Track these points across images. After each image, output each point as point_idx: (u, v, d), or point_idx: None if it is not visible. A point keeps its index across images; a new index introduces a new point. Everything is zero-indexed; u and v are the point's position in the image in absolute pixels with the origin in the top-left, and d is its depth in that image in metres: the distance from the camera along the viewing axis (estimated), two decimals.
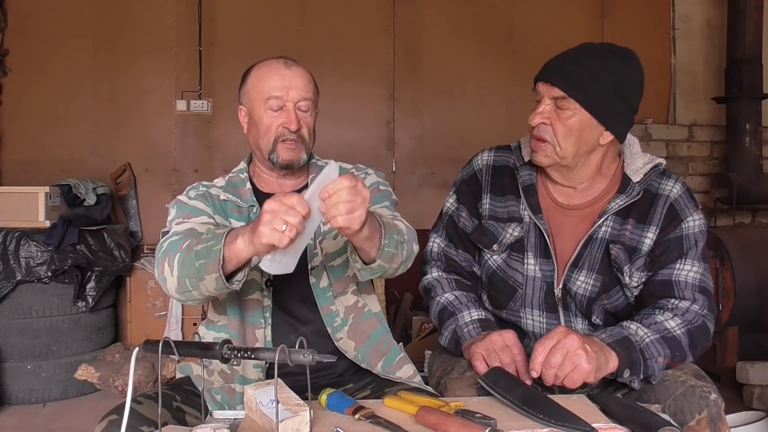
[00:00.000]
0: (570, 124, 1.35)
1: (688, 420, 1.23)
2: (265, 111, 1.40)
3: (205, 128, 4.09)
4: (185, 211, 1.40)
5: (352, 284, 1.48)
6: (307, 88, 1.42)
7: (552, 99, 1.35)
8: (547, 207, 1.47)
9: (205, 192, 1.46)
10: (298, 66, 1.44)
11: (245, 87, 1.46)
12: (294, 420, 0.98)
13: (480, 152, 1.58)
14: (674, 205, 1.41)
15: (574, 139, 1.36)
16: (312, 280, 1.43)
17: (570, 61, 1.35)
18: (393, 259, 1.26)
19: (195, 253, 1.17)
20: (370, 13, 4.18)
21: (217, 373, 1.41)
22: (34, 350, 3.16)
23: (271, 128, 1.41)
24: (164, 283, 1.25)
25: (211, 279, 1.16)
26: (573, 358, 1.19)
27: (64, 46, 4.00)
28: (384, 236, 1.21)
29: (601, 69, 1.33)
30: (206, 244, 1.17)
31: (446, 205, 1.60)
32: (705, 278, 1.39)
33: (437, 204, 1.64)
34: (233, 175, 1.52)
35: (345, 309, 1.45)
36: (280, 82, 1.40)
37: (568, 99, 1.33)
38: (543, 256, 1.45)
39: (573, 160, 1.39)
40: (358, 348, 1.43)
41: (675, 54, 4.38)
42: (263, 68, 1.44)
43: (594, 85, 1.32)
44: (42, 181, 3.49)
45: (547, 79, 1.36)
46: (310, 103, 1.42)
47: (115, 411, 1.25)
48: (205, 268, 1.16)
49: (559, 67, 1.35)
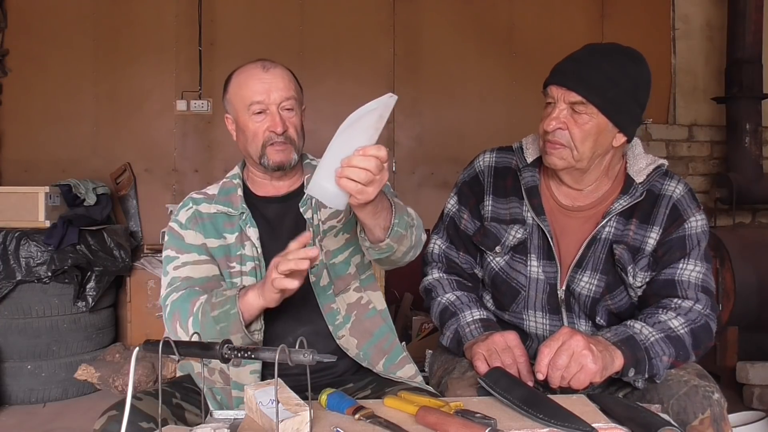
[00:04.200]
0: (587, 128, 1.33)
1: (691, 419, 1.23)
2: (250, 117, 1.40)
3: (205, 128, 4.09)
4: (176, 243, 1.43)
5: (355, 281, 1.47)
6: (287, 87, 1.41)
7: (568, 103, 1.33)
8: (551, 209, 1.47)
9: (195, 211, 1.46)
10: (276, 67, 1.43)
11: (227, 95, 1.46)
12: (294, 420, 0.98)
13: (481, 153, 1.58)
14: (677, 206, 1.41)
15: (591, 143, 1.35)
16: (312, 279, 1.43)
17: (585, 64, 1.33)
18: (402, 241, 1.27)
19: (213, 319, 1.25)
20: (370, 13, 4.18)
21: (218, 373, 1.41)
22: (34, 350, 3.16)
23: (258, 134, 1.41)
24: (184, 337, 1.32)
25: (236, 338, 1.24)
26: (579, 358, 1.19)
27: (64, 46, 4.00)
28: (394, 216, 1.23)
29: (617, 72, 1.32)
30: (222, 309, 1.24)
31: (447, 207, 1.59)
32: (707, 278, 1.40)
33: (437, 204, 1.64)
34: (227, 180, 1.52)
35: (347, 306, 1.45)
36: (260, 86, 1.39)
37: (586, 104, 1.32)
38: (546, 257, 1.45)
39: (588, 163, 1.38)
40: (360, 346, 1.43)
41: (675, 54, 4.38)
42: (242, 74, 1.43)
43: (612, 89, 1.31)
44: (42, 181, 3.49)
45: (564, 83, 1.33)
46: (293, 101, 1.42)
47: (114, 407, 1.26)
48: (228, 330, 1.24)
49: (575, 71, 1.33)
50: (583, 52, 1.37)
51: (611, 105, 1.32)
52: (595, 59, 1.33)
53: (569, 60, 1.37)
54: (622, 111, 1.33)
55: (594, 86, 1.31)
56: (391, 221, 1.23)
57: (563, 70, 1.36)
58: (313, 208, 1.46)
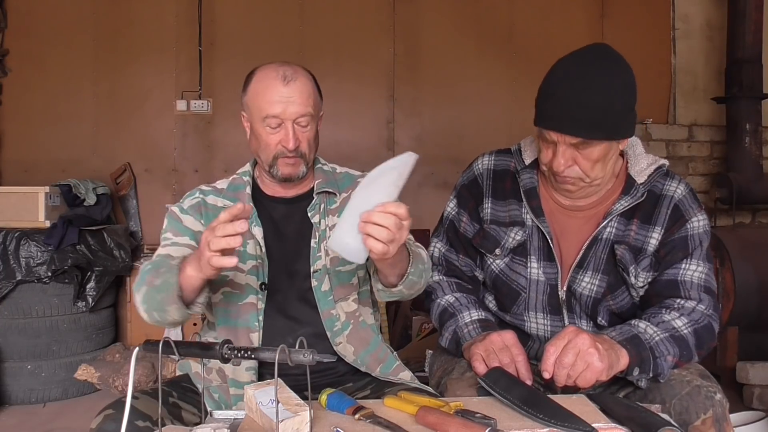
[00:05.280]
0: (595, 157, 1.32)
1: (693, 420, 1.23)
2: (264, 128, 1.39)
3: (205, 128, 4.09)
4: (174, 226, 1.43)
5: (355, 292, 1.47)
6: (305, 102, 1.39)
7: (569, 144, 1.31)
8: (551, 209, 1.47)
9: (201, 201, 1.46)
10: (297, 79, 1.39)
11: (246, 97, 1.44)
12: (294, 420, 0.98)
13: (480, 156, 1.57)
14: (679, 206, 1.41)
15: (601, 165, 1.35)
16: (314, 283, 1.42)
17: (575, 104, 1.27)
18: (413, 287, 1.33)
19: (155, 288, 1.24)
20: (370, 13, 4.18)
21: (215, 372, 1.41)
22: (34, 350, 3.16)
23: (270, 145, 1.40)
24: (139, 312, 1.32)
25: (173, 309, 1.23)
26: (585, 356, 1.19)
27: (64, 46, 4.00)
28: (411, 265, 1.26)
29: (607, 100, 1.27)
30: (163, 278, 1.23)
31: (447, 210, 1.59)
32: (710, 278, 1.40)
33: (437, 204, 1.64)
34: (237, 176, 1.51)
35: (346, 314, 1.45)
36: (278, 100, 1.37)
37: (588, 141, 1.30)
38: (546, 259, 1.45)
39: (602, 180, 1.39)
40: (357, 353, 1.43)
41: (675, 54, 4.38)
42: (261, 82, 1.40)
43: (608, 117, 1.28)
44: (42, 181, 3.49)
45: (561, 129, 1.30)
46: (309, 118, 1.40)
47: (111, 406, 1.26)
48: (166, 301, 1.22)
49: (567, 114, 1.28)
50: (566, 88, 1.29)
51: (612, 130, 1.30)
52: (582, 94, 1.27)
53: (555, 100, 1.30)
54: (621, 127, 1.32)
55: (591, 124, 1.28)
56: (407, 270, 1.27)
57: (554, 116, 1.30)
58: (321, 213, 1.46)
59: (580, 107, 1.27)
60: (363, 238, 1.10)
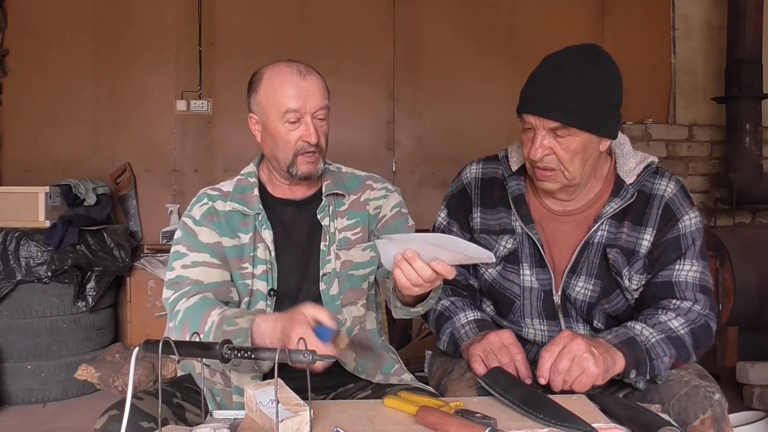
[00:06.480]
0: (573, 148, 1.31)
1: (692, 420, 1.23)
2: (283, 124, 1.36)
3: (205, 128, 4.08)
4: (189, 240, 1.40)
5: (364, 297, 1.47)
6: (322, 95, 1.38)
7: (547, 129, 1.31)
8: (540, 215, 1.46)
9: (211, 209, 1.43)
10: (311, 73, 1.38)
11: (257, 96, 1.40)
12: (294, 420, 0.98)
13: (468, 165, 1.57)
14: (669, 205, 1.40)
15: (580, 159, 1.34)
16: (322, 287, 1.42)
17: (555, 88, 1.28)
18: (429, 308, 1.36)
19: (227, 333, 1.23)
20: (370, 13, 4.18)
21: (219, 374, 1.40)
22: (34, 350, 3.16)
23: (290, 142, 1.37)
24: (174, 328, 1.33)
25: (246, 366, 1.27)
26: (580, 362, 1.19)
27: (64, 46, 4.00)
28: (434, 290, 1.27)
29: (589, 88, 1.28)
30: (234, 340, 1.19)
31: (438, 220, 1.59)
32: (705, 277, 1.39)
33: (437, 204, 1.63)
34: (242, 178, 1.48)
35: (353, 319, 1.44)
36: (297, 93, 1.34)
37: (566, 127, 1.29)
38: (538, 265, 1.44)
39: (581, 178, 1.37)
40: (357, 359, 1.43)
41: (675, 54, 4.38)
42: (276, 78, 1.37)
43: (588, 106, 1.28)
44: (42, 181, 3.49)
45: (539, 112, 1.30)
46: (326, 111, 1.39)
47: (115, 406, 1.25)
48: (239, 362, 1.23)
49: (547, 97, 1.29)
50: (548, 73, 1.31)
51: (591, 121, 1.30)
52: (563, 79, 1.29)
53: (537, 84, 1.32)
54: (602, 122, 1.31)
55: (570, 109, 1.28)
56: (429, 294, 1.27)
57: (534, 98, 1.31)
58: (330, 215, 1.45)
59: (559, 92, 1.28)
60: (397, 272, 1.14)
